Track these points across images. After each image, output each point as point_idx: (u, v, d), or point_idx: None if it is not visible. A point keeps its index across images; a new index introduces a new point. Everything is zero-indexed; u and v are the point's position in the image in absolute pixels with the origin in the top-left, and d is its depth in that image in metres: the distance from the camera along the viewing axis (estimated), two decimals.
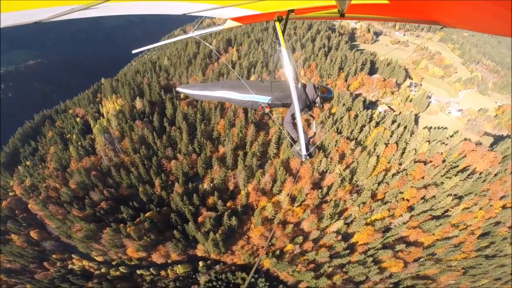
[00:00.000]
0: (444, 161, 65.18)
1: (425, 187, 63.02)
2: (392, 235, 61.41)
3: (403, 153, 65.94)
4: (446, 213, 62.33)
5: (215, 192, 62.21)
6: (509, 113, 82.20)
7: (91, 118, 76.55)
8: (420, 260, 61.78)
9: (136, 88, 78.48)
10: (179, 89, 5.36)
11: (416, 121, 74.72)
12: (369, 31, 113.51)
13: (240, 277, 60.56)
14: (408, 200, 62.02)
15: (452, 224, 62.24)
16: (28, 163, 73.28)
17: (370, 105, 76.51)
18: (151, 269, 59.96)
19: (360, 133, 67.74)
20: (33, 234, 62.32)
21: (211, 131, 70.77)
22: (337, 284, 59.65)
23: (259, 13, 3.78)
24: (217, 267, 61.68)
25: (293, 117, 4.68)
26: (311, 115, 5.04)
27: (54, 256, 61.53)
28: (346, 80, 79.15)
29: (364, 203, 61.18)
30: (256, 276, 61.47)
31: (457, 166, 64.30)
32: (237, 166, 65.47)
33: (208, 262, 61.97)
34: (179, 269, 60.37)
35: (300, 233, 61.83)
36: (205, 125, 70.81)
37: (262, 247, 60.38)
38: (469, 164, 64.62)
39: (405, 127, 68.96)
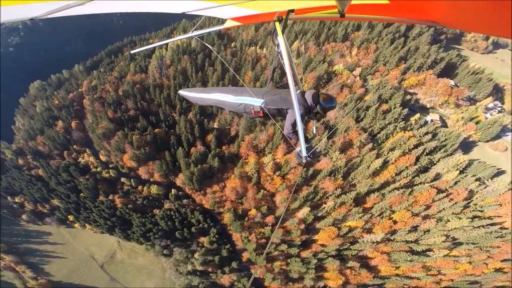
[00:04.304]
0: (469, 201, 49.73)
1: (425, 217, 50.26)
2: (355, 250, 52.92)
3: (421, 171, 53.08)
4: (426, 252, 49.60)
5: (215, 131, 65.09)
6: None
7: (158, 48, 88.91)
8: None
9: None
10: (180, 92, 5.42)
11: (468, 147, 57.58)
12: (487, 39, 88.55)
13: (197, 218, 62.78)
14: (395, 222, 50.97)
15: (424, 266, 49.67)
16: (102, 70, 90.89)
17: (418, 109, 62.47)
18: (132, 180, 66.62)
19: (382, 130, 57.11)
20: (73, 123, 75.99)
21: (238, 80, 72.64)
22: (275, 270, 56.22)
23: (259, 13, 3.77)
24: (185, 201, 65.05)
25: (293, 125, 4.50)
26: (310, 117, 4.82)
27: (75, 146, 74.39)
28: (404, 74, 65.76)
29: (344, 203, 53.33)
30: (212, 224, 62.91)
31: (482, 211, 48.21)
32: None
33: (180, 193, 65.76)
34: (153, 189, 65.79)
35: (269, 204, 59.32)
36: (236, 72, 73.29)
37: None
38: (496, 214, 47.99)
39: (443, 146, 54.62)
